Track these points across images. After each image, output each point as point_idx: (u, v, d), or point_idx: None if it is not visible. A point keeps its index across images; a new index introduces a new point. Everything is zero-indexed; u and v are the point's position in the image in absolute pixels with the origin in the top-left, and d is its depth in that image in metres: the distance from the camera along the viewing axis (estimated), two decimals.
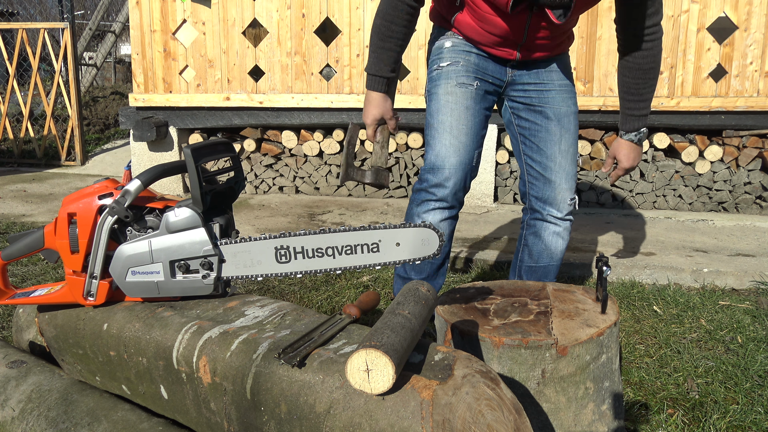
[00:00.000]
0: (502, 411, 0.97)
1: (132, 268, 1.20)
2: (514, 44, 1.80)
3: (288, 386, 1.02)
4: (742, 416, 1.72)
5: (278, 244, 1.19)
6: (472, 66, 1.87)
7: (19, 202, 4.64)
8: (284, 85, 4.72)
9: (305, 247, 1.19)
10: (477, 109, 1.87)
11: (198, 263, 1.19)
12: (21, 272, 2.93)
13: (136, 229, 1.22)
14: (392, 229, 1.18)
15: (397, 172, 4.73)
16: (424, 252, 1.19)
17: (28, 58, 6.75)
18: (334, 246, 1.19)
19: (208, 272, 1.20)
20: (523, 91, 1.92)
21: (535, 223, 1.99)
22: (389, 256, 1.19)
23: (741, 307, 2.57)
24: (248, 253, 1.20)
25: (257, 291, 2.74)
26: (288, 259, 1.20)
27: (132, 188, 1.19)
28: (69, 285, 1.26)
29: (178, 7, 4.76)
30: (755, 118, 4.22)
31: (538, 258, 2.00)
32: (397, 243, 1.19)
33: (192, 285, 1.21)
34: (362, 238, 1.19)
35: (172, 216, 1.17)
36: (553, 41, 1.81)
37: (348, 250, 1.20)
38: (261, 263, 1.21)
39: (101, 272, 1.22)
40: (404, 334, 0.98)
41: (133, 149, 5.00)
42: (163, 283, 1.21)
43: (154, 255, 1.19)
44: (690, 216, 4.17)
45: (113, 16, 11.03)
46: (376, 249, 1.19)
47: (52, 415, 1.27)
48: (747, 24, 4.14)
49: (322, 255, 1.20)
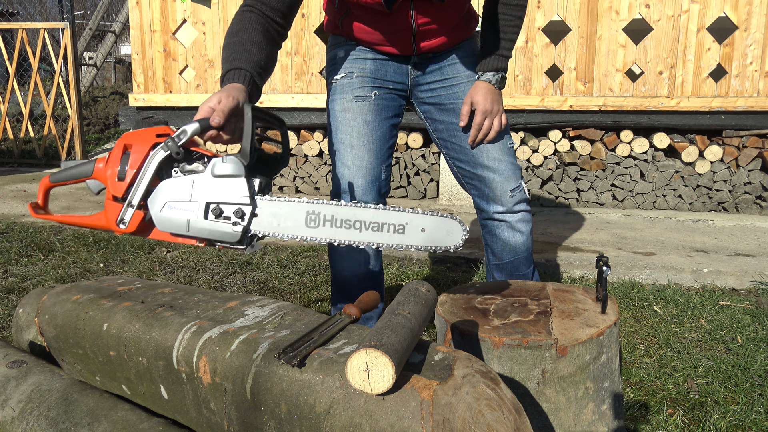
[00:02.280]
0: (502, 411, 0.97)
1: (170, 202, 1.22)
2: (407, 37, 1.70)
3: (288, 386, 1.02)
4: (742, 416, 1.72)
5: (310, 209, 1.21)
6: (368, 75, 1.76)
7: (19, 202, 4.64)
8: (284, 85, 4.72)
9: (335, 216, 1.21)
10: (377, 121, 1.76)
11: (232, 211, 1.21)
12: (21, 272, 2.93)
13: (181, 170, 1.24)
14: (421, 215, 1.19)
15: (396, 172, 4.72)
16: (446, 242, 1.20)
17: (28, 58, 6.76)
18: (362, 220, 1.21)
19: (238, 221, 1.22)
20: (430, 91, 1.81)
21: (486, 223, 1.89)
22: (413, 240, 1.20)
23: (741, 307, 2.57)
24: (281, 212, 1.22)
25: (257, 291, 2.74)
26: (317, 225, 1.22)
27: (189, 129, 1.22)
28: (105, 210, 1.28)
29: (178, 7, 4.76)
30: (755, 118, 4.22)
31: (501, 255, 1.90)
32: (423, 229, 1.20)
33: (221, 229, 1.22)
34: (390, 218, 1.20)
35: (219, 162, 1.20)
36: (446, 24, 1.70)
37: (375, 227, 1.21)
38: (290, 224, 1.23)
39: (138, 201, 1.24)
40: (404, 334, 0.98)
41: None
42: (194, 222, 1.22)
43: (193, 193, 1.21)
44: (690, 216, 4.17)
45: (113, 16, 11.04)
46: (402, 231, 1.20)
47: (52, 415, 1.27)
48: (747, 24, 4.14)
49: (350, 227, 1.21)
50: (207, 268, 3.06)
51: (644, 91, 4.31)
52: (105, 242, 3.44)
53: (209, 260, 3.19)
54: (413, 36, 1.70)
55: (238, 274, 2.97)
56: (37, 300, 1.70)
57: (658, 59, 4.26)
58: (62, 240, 3.49)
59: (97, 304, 1.37)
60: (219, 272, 2.99)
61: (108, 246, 3.38)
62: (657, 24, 4.21)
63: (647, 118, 4.31)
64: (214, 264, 3.13)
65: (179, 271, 3.00)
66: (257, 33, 1.46)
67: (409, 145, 4.64)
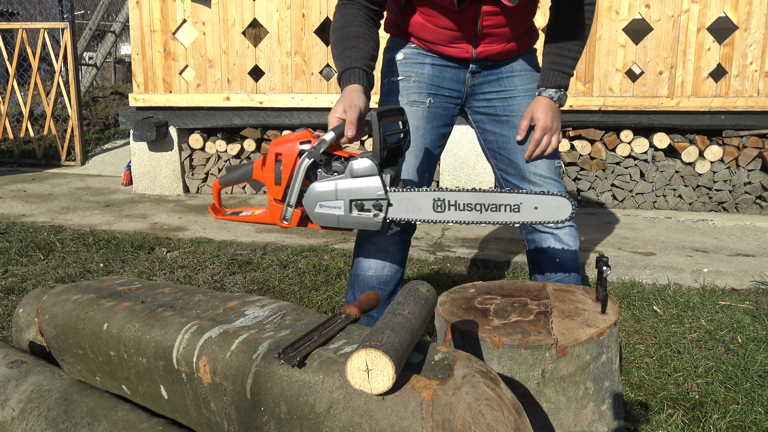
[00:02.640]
0: (502, 411, 0.97)
1: (320, 202, 1.44)
2: (468, 38, 1.70)
3: (288, 386, 1.02)
4: (742, 416, 1.72)
5: (436, 196, 1.40)
6: (425, 81, 1.77)
7: (19, 202, 4.64)
8: (284, 85, 4.72)
9: (458, 201, 1.40)
10: (428, 129, 1.78)
11: (371, 204, 1.42)
12: (21, 272, 2.93)
13: (324, 172, 1.45)
14: (532, 195, 1.38)
15: None
16: (557, 216, 1.38)
17: (28, 58, 6.76)
18: (482, 203, 1.39)
19: (377, 212, 1.42)
20: (485, 101, 1.81)
21: (532, 238, 1.85)
22: (528, 216, 1.39)
23: (741, 307, 2.57)
24: (411, 200, 1.41)
25: (257, 291, 2.74)
26: (443, 209, 1.41)
27: (327, 138, 1.42)
28: (270, 210, 1.54)
29: (178, 7, 4.76)
30: (755, 118, 4.22)
31: (549, 273, 1.85)
32: (535, 207, 1.38)
33: (365, 221, 1.44)
34: (507, 200, 1.38)
35: (356, 164, 1.41)
36: (510, 31, 1.70)
37: (493, 207, 1.39)
38: (420, 210, 1.42)
39: (296, 202, 1.48)
40: (404, 334, 0.98)
41: (133, 149, 5.00)
42: (342, 217, 1.44)
43: (338, 193, 1.43)
44: (690, 216, 4.17)
45: (113, 16, 11.04)
46: (517, 210, 1.38)
47: (52, 415, 1.27)
48: (747, 24, 4.14)
49: (471, 209, 1.39)
50: (207, 268, 3.06)
51: (644, 91, 4.31)
52: (105, 242, 3.44)
53: (209, 260, 3.19)
54: (475, 38, 1.70)
55: (238, 274, 2.97)
56: (37, 300, 1.70)
57: (658, 59, 4.26)
58: (62, 240, 3.49)
59: (97, 304, 1.37)
60: (219, 272, 2.99)
61: (108, 246, 3.38)
62: (657, 24, 4.21)
63: (647, 118, 4.31)
64: (214, 264, 3.13)
65: (179, 271, 3.00)
66: (361, 25, 1.62)
67: None
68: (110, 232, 3.67)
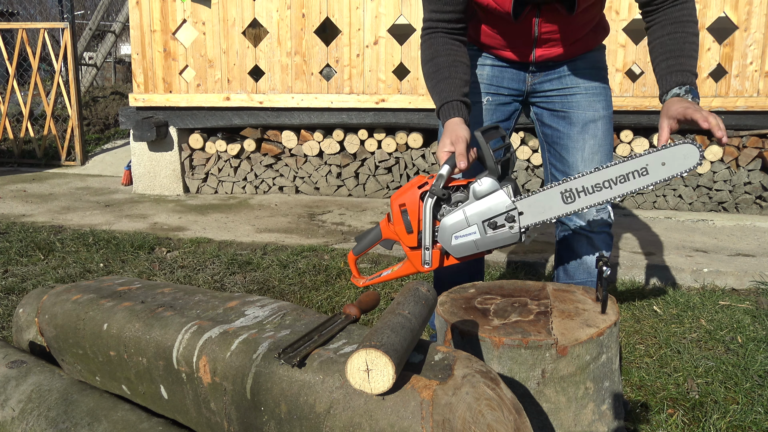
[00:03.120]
0: (502, 411, 0.97)
1: (455, 234, 1.45)
2: (527, 44, 1.72)
3: (288, 386, 1.02)
4: (742, 416, 1.72)
5: (563, 189, 1.41)
6: (484, 81, 1.80)
7: (19, 202, 4.64)
8: (284, 85, 4.72)
9: (585, 186, 1.39)
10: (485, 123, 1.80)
11: (503, 218, 1.42)
12: (21, 272, 2.93)
13: (448, 205, 1.47)
14: (655, 153, 1.34)
15: (396, 172, 4.73)
16: (687, 165, 1.33)
17: (28, 58, 6.76)
18: (609, 179, 1.37)
19: (512, 224, 1.42)
20: (545, 97, 1.83)
21: (565, 236, 1.86)
22: (658, 175, 1.35)
23: (741, 307, 2.57)
24: (540, 202, 1.42)
25: (257, 291, 2.74)
26: (573, 199, 1.41)
27: (444, 172, 1.44)
28: (410, 259, 1.54)
29: (178, 7, 4.76)
30: (755, 118, 4.22)
31: (573, 273, 1.87)
32: (663, 163, 1.34)
33: (503, 236, 1.44)
34: (632, 167, 1.35)
35: (478, 186, 1.43)
36: (569, 36, 1.69)
37: (621, 179, 1.37)
38: (551, 207, 1.42)
39: (431, 243, 1.49)
40: (404, 334, 0.98)
41: (133, 149, 5.00)
42: (480, 240, 1.45)
43: (469, 219, 1.44)
44: (690, 216, 4.17)
45: (113, 16, 11.03)
46: (645, 173, 1.35)
47: (52, 415, 1.27)
48: (747, 24, 4.14)
49: (601, 189, 1.38)
50: (207, 268, 3.06)
51: (644, 91, 4.31)
52: (105, 242, 3.44)
53: (209, 260, 3.19)
54: (534, 43, 1.71)
55: (238, 274, 2.97)
56: (37, 300, 1.70)
57: None
58: (62, 240, 3.49)
59: (97, 304, 1.37)
60: (219, 272, 2.99)
61: (108, 246, 3.38)
62: None
63: (647, 118, 4.31)
64: (214, 264, 3.13)
65: (179, 271, 3.00)
66: (448, 53, 1.62)
67: (409, 145, 4.64)
68: (110, 232, 3.67)
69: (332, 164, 4.82)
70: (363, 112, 4.61)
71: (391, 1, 4.47)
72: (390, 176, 4.76)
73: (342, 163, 4.79)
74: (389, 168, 4.76)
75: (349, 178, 4.81)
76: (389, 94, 4.54)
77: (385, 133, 4.69)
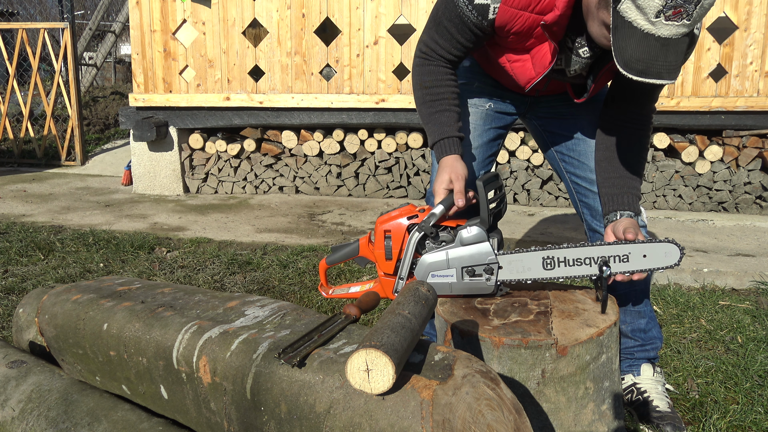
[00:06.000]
0: (502, 411, 0.97)
1: (432, 272, 1.46)
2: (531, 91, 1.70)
3: (288, 386, 1.02)
4: (742, 416, 1.72)
5: (545, 255, 1.41)
6: (488, 87, 1.77)
7: (19, 202, 4.64)
8: (284, 85, 4.72)
9: (567, 257, 1.41)
10: (484, 128, 1.78)
11: (482, 269, 1.44)
12: (21, 272, 2.93)
13: (432, 243, 1.48)
14: (640, 244, 1.39)
15: (396, 171, 4.72)
16: (667, 262, 1.39)
17: (28, 58, 6.76)
18: (591, 257, 1.40)
19: (489, 276, 1.43)
20: (549, 108, 1.79)
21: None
22: (638, 265, 1.39)
23: (741, 307, 2.57)
24: (521, 261, 1.43)
25: (257, 291, 2.74)
26: (553, 266, 1.42)
27: (437, 212, 1.46)
28: (382, 284, 1.56)
29: (178, 7, 4.76)
30: (755, 118, 4.22)
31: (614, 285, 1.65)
32: (644, 255, 1.39)
33: (477, 286, 1.45)
34: (615, 251, 1.39)
35: (466, 233, 1.44)
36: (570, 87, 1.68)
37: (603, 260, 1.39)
38: (530, 269, 1.43)
39: (407, 275, 1.50)
40: (404, 334, 0.98)
41: (133, 149, 5.00)
42: (455, 284, 1.46)
43: (450, 262, 1.45)
44: (690, 216, 4.17)
45: (113, 16, 11.04)
46: (626, 260, 1.39)
47: (52, 415, 1.27)
48: (747, 24, 4.14)
49: (581, 264, 1.40)
50: (207, 268, 3.06)
51: None
52: (105, 242, 3.44)
53: (209, 260, 3.19)
54: (536, 92, 1.72)
55: (238, 274, 2.97)
56: (37, 300, 1.71)
57: None
58: (62, 240, 3.49)
59: (97, 304, 1.37)
60: (219, 272, 2.99)
61: (108, 246, 3.38)
62: None
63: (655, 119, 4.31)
64: (214, 264, 3.13)
65: (179, 271, 3.00)
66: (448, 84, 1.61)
67: (409, 145, 4.64)
68: (110, 232, 3.67)
69: (332, 164, 4.82)
70: (363, 112, 4.61)
71: (391, 1, 4.47)
72: (390, 176, 4.76)
73: (342, 163, 4.79)
74: (389, 168, 4.76)
75: (349, 178, 4.81)
76: (389, 94, 4.54)
77: (385, 133, 4.69)
